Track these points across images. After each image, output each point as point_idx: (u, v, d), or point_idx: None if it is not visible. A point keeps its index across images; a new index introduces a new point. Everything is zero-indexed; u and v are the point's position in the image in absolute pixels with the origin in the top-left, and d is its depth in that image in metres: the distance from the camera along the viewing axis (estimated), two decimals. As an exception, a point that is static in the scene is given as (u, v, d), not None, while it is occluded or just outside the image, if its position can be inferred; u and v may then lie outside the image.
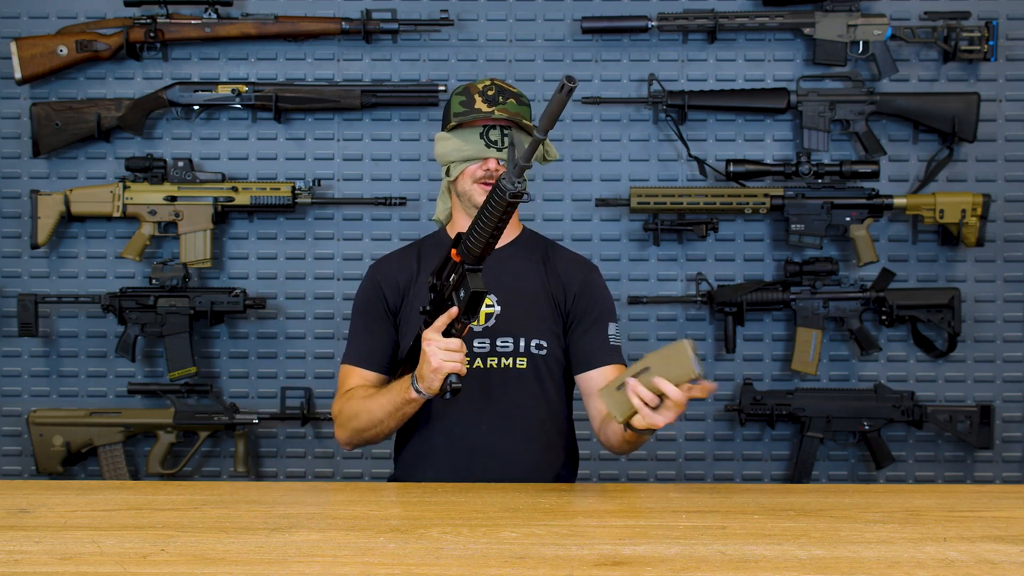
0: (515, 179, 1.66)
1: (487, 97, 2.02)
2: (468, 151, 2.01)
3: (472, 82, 2.08)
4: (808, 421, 2.97)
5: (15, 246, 3.10)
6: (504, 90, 2.05)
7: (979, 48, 2.95)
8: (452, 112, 2.05)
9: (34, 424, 2.97)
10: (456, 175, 2.04)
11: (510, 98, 2.03)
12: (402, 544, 1.43)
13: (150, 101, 3.00)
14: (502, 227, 1.72)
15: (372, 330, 2.08)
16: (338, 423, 2.06)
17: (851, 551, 1.40)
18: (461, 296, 1.78)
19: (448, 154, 2.04)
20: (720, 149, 3.06)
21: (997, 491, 1.98)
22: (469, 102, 2.02)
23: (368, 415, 1.98)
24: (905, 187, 3.05)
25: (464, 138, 2.02)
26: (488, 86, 2.04)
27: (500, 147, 2.00)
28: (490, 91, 2.03)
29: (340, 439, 2.08)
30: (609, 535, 1.48)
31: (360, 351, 2.09)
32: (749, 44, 3.06)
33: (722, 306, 2.97)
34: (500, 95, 2.03)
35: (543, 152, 2.09)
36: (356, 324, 2.12)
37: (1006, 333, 3.08)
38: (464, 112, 2.02)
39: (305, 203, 2.99)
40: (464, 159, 2.02)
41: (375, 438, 2.03)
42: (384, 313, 2.09)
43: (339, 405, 2.06)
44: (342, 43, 3.07)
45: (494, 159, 2.01)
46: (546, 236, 2.20)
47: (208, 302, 2.95)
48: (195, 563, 1.34)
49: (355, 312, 2.13)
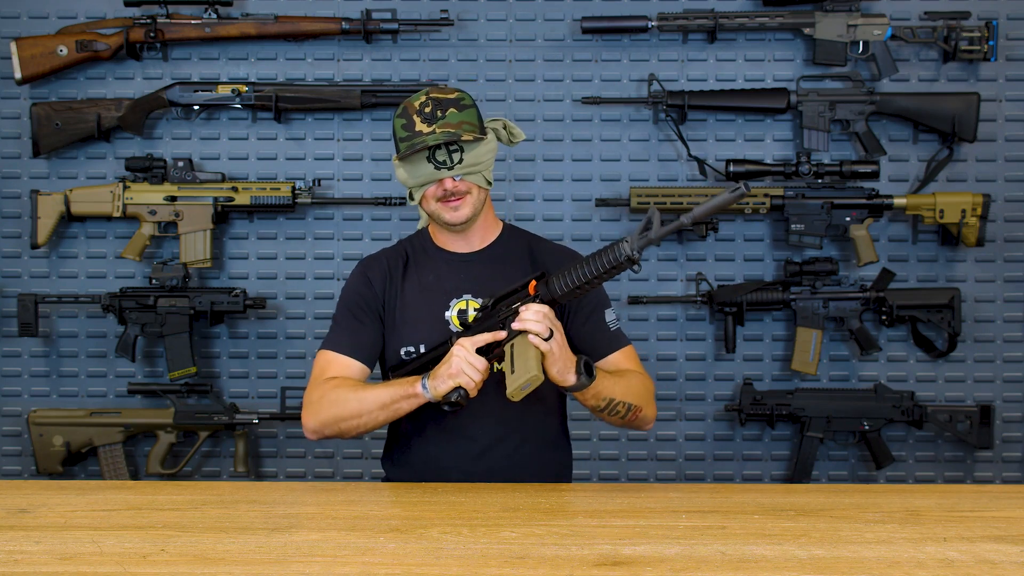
0: (637, 248, 1.74)
1: (425, 116, 1.98)
2: (421, 176, 2.00)
3: (410, 99, 2.03)
4: (808, 421, 2.97)
5: (15, 246, 3.10)
6: (441, 101, 1.99)
7: (979, 48, 2.95)
8: (397, 138, 2.03)
9: (34, 424, 2.97)
10: (419, 198, 2.05)
11: (449, 108, 1.98)
12: (402, 544, 1.43)
13: (150, 101, 3.00)
14: (595, 283, 1.82)
15: (361, 322, 2.07)
16: (312, 410, 1.99)
17: (851, 551, 1.40)
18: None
19: (404, 181, 2.04)
20: (720, 149, 3.06)
21: (997, 491, 1.98)
22: (409, 125, 1.99)
23: (357, 403, 1.94)
24: (905, 187, 3.05)
25: (414, 164, 2.00)
26: (424, 102, 1.99)
27: (450, 165, 1.98)
28: (427, 108, 1.99)
29: (309, 427, 1.99)
30: (609, 535, 1.48)
31: (345, 340, 2.05)
32: (749, 44, 3.06)
33: (722, 306, 2.97)
34: (438, 109, 1.98)
35: (508, 135, 2.08)
36: (343, 315, 2.09)
37: (1006, 333, 3.08)
38: (407, 137, 1.99)
39: (305, 203, 2.99)
40: (420, 185, 2.02)
41: (351, 431, 1.97)
42: (374, 308, 2.07)
43: (319, 392, 1.99)
44: (342, 43, 3.07)
45: (448, 179, 2.00)
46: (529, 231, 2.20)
47: (208, 302, 2.95)
48: (195, 563, 1.34)
49: (343, 304, 2.10)
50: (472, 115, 2.02)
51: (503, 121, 2.08)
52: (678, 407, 3.09)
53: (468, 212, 2.03)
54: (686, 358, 3.08)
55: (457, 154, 1.98)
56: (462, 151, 1.98)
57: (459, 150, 1.98)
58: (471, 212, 2.03)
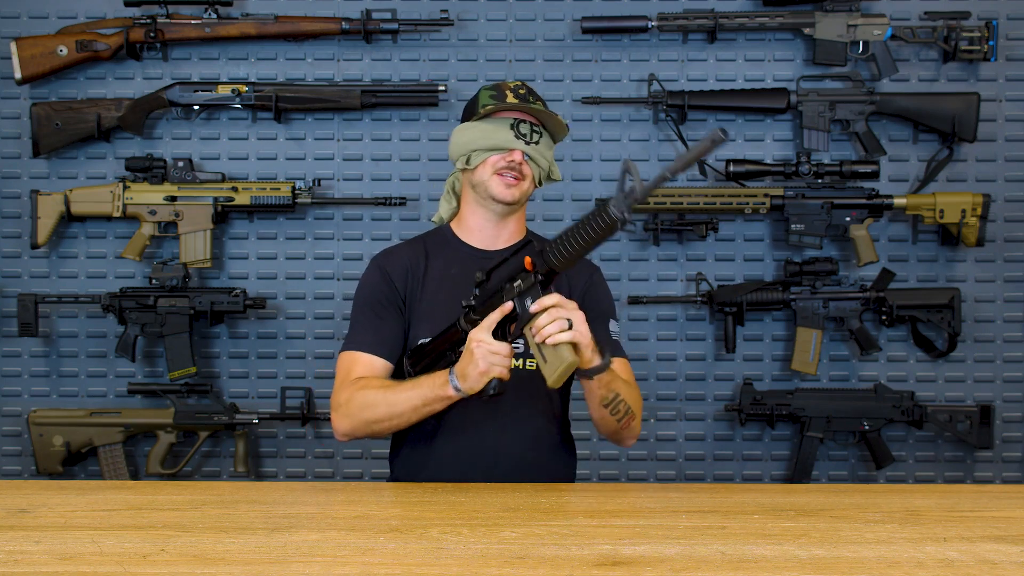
0: (625, 208, 1.65)
1: (519, 95, 2.04)
2: (497, 139, 2.01)
3: (502, 81, 2.09)
4: (808, 421, 2.97)
5: (15, 246, 3.10)
6: (534, 92, 2.08)
7: (979, 48, 2.95)
8: (480, 104, 2.06)
9: (34, 424, 2.97)
10: (477, 164, 2.03)
11: (538, 101, 2.07)
12: (402, 544, 1.43)
13: (150, 101, 3.00)
14: (590, 249, 1.73)
15: (382, 317, 2.04)
16: (342, 412, 1.97)
17: (851, 551, 1.40)
18: (527, 304, 1.79)
19: (472, 141, 2.03)
20: (720, 149, 3.05)
21: (997, 491, 1.98)
22: (499, 96, 2.04)
23: (387, 407, 1.92)
24: (905, 187, 3.05)
25: (494, 126, 2.02)
26: (519, 86, 2.07)
27: (528, 141, 2.02)
28: (521, 90, 2.06)
29: (340, 430, 1.99)
30: (609, 535, 1.48)
31: (368, 338, 2.03)
32: (749, 44, 3.06)
33: (722, 306, 2.97)
34: (530, 95, 2.06)
35: (547, 172, 2.10)
36: (362, 312, 2.06)
37: (1006, 333, 3.08)
38: (495, 105, 2.03)
39: (305, 203, 2.99)
40: (491, 147, 2.02)
41: (385, 431, 1.98)
42: (394, 302, 2.05)
43: (347, 393, 1.97)
44: (342, 43, 3.07)
45: (520, 152, 2.01)
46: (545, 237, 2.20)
47: (208, 302, 2.95)
48: (195, 563, 1.34)
49: (361, 301, 2.08)
50: (552, 119, 2.07)
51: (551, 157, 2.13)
52: (678, 407, 3.09)
53: (518, 194, 2.04)
54: (686, 358, 3.08)
55: (537, 136, 2.04)
56: (541, 136, 2.04)
57: (540, 133, 2.04)
58: (520, 196, 2.05)
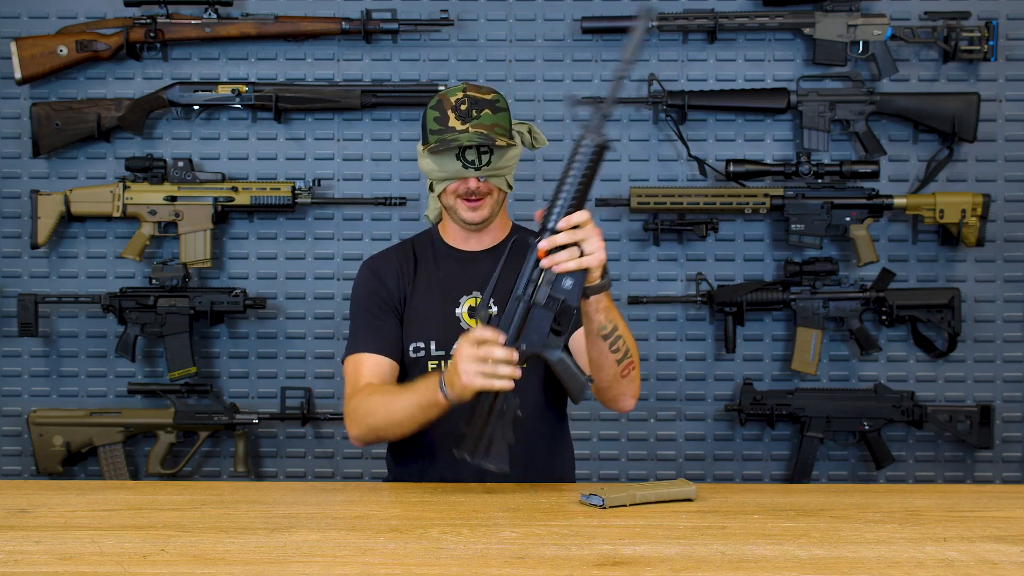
0: (598, 130, 1.67)
1: (460, 113, 1.98)
2: (448, 171, 2.00)
3: (445, 92, 2.03)
4: (808, 421, 2.97)
5: (15, 246, 3.10)
6: (477, 101, 1.99)
7: (979, 48, 2.95)
8: (428, 129, 2.02)
9: (34, 424, 2.97)
10: (439, 191, 2.04)
11: (484, 109, 1.98)
12: (402, 544, 1.43)
13: (150, 101, 3.00)
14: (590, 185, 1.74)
15: (381, 319, 2.05)
16: (352, 419, 1.98)
17: (851, 551, 1.40)
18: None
19: (429, 172, 2.03)
20: (720, 149, 3.06)
21: (997, 491, 1.98)
22: (443, 119, 1.99)
23: (386, 414, 1.92)
24: (905, 187, 3.05)
25: (442, 158, 1.99)
26: (461, 99, 1.99)
27: (478, 166, 1.98)
28: (463, 105, 1.98)
29: (354, 435, 2.00)
30: (609, 535, 1.48)
31: (371, 339, 2.03)
32: (749, 44, 3.06)
33: (722, 306, 2.97)
34: (473, 108, 1.98)
35: (531, 140, 2.08)
36: (360, 317, 2.07)
37: (1006, 333, 3.07)
38: (440, 131, 1.99)
39: (305, 203, 2.99)
40: (444, 179, 2.01)
41: (392, 437, 1.98)
42: (390, 304, 2.06)
43: (356, 400, 1.98)
44: (342, 43, 3.07)
45: (473, 178, 2.00)
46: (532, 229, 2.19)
47: (208, 302, 2.95)
48: (195, 563, 1.34)
49: (357, 305, 2.09)
50: (505, 119, 2.02)
51: (529, 125, 2.09)
52: (678, 407, 3.09)
53: (486, 213, 2.04)
54: (686, 358, 3.08)
55: (486, 156, 1.98)
56: (491, 154, 1.99)
57: (489, 152, 1.99)
58: (489, 213, 2.05)
